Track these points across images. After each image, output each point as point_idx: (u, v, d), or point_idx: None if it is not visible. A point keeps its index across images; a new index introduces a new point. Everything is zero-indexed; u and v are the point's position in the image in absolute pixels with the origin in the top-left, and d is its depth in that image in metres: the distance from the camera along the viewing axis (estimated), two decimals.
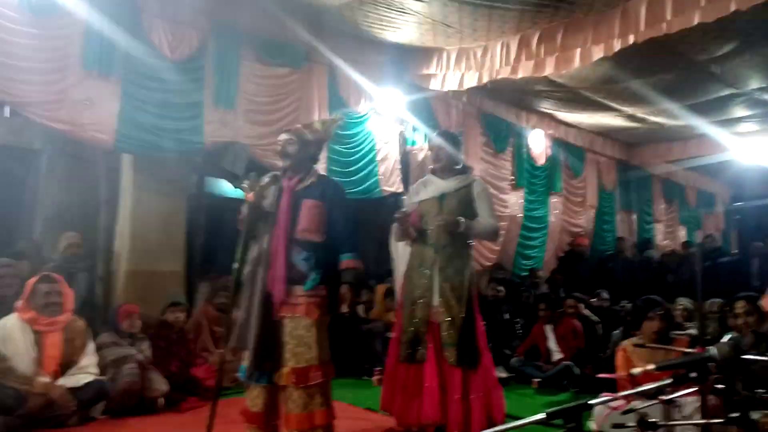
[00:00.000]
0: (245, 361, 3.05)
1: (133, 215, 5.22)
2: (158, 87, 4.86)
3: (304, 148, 3.16)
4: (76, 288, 4.72)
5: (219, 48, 5.22)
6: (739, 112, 7.47)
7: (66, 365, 3.79)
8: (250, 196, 3.05)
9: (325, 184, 3.18)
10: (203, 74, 5.12)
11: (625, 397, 1.85)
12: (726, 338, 3.15)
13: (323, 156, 5.89)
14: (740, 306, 3.78)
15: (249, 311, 3.01)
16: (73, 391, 3.65)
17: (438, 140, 3.78)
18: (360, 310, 6.47)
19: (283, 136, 3.20)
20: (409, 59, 6.42)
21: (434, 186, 3.72)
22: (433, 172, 3.80)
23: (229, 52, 5.27)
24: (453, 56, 5.89)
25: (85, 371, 3.81)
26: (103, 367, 3.96)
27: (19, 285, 3.96)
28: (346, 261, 3.08)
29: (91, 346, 3.96)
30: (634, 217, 10.28)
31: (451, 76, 6.03)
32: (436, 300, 3.53)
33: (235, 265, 3.08)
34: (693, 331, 4.73)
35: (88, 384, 3.73)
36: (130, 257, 5.17)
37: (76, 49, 4.49)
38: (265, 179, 3.14)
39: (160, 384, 4.10)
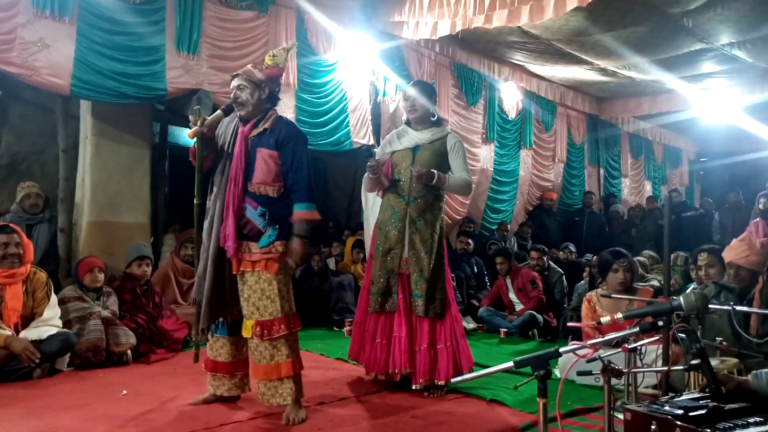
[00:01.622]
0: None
1: (93, 165, 5.04)
2: (116, 30, 4.62)
3: (258, 90, 2.95)
4: (36, 239, 4.60)
5: None
6: (709, 67, 7.51)
7: (27, 318, 3.71)
8: (190, 133, 2.88)
9: (279, 127, 2.97)
10: (164, 16, 4.87)
11: (592, 345, 1.88)
12: (690, 289, 3.22)
13: (292, 105, 5.76)
14: (703, 258, 3.87)
15: (205, 265, 2.94)
16: (37, 344, 3.57)
17: (414, 90, 3.68)
18: (331, 262, 6.48)
19: (236, 82, 2.96)
20: (381, 5, 6.24)
21: (408, 137, 3.66)
22: (408, 123, 3.73)
23: None
24: (425, 3, 5.72)
25: (48, 324, 3.73)
26: (66, 322, 3.88)
27: None
28: (299, 212, 2.91)
29: (53, 299, 3.87)
30: (602, 171, 10.41)
31: (424, 24, 5.88)
32: (406, 251, 3.53)
33: (196, 200, 2.96)
34: (655, 282, 4.87)
35: (51, 336, 3.66)
36: (92, 208, 5.02)
37: None
38: (218, 111, 2.98)
39: (126, 338, 4.04)
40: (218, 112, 2.98)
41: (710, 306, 2.19)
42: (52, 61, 4.33)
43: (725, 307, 2.65)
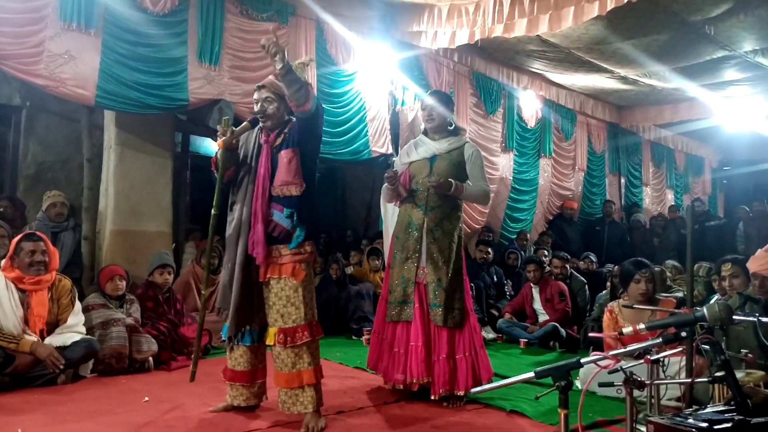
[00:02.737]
0: (227, 321, 3.05)
1: (117, 174, 5.12)
2: (140, 41, 4.71)
3: (283, 103, 2.99)
4: (61, 247, 4.69)
5: (203, 1, 5.04)
6: (731, 75, 7.42)
7: (52, 324, 3.77)
8: (220, 143, 2.89)
9: (294, 128, 2.99)
10: (186, 28, 4.95)
11: (614, 356, 1.86)
12: (713, 300, 3.17)
13: None
14: (727, 268, 3.81)
15: (231, 274, 2.97)
16: (61, 350, 3.63)
17: (431, 100, 3.70)
18: (349, 271, 6.49)
19: (261, 94, 2.99)
20: (399, 15, 6.27)
21: (425, 147, 3.67)
22: (425, 132, 3.74)
23: (212, 5, 5.10)
24: (444, 12, 5.74)
25: (73, 330, 3.79)
26: (90, 329, 3.93)
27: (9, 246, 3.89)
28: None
29: (77, 306, 3.93)
30: (623, 180, 10.32)
31: (442, 34, 5.90)
32: (423, 261, 3.53)
33: (213, 212, 2.97)
34: (679, 294, 4.80)
35: (75, 343, 3.71)
36: (116, 217, 5.10)
37: None
38: (245, 123, 2.99)
39: (149, 345, 4.09)
40: (245, 124, 3.01)
41: (735, 317, 2.15)
42: (78, 72, 4.42)
43: (750, 319, 2.61)
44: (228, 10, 5.24)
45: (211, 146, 7.17)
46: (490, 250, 6.79)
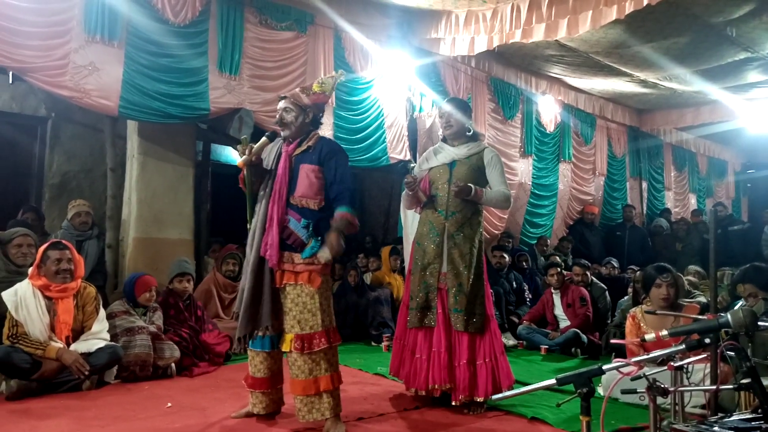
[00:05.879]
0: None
1: (139, 183, 5.20)
2: (162, 52, 4.79)
3: (303, 114, 3.07)
4: (85, 255, 4.77)
5: (222, 11, 5.12)
6: (754, 77, 7.31)
7: (78, 331, 3.84)
8: (240, 163, 2.99)
9: (321, 145, 3.08)
10: (206, 39, 5.03)
11: (637, 362, 1.84)
12: (738, 305, 3.12)
13: (330, 122, 5.85)
14: (742, 289, 3.74)
15: (248, 277, 3.01)
16: (86, 356, 3.69)
17: (448, 107, 3.71)
18: (368, 278, 6.50)
19: (282, 104, 3.10)
20: (417, 22, 6.29)
21: (445, 153, 3.68)
22: (444, 139, 3.76)
23: (232, 16, 5.18)
24: (461, 19, 5.75)
25: (97, 337, 3.86)
26: (113, 336, 3.99)
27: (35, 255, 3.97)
28: (341, 212, 2.95)
29: (102, 313, 3.99)
30: (645, 184, 10.20)
31: (461, 40, 5.90)
32: (444, 266, 3.53)
33: (249, 226, 3.07)
34: (702, 299, 4.73)
35: (100, 349, 3.77)
36: (138, 225, 5.17)
37: (78, 12, 4.42)
38: (263, 138, 3.06)
39: (171, 351, 4.14)
40: (263, 139, 3.07)
41: (760, 323, 2.12)
42: (102, 83, 4.51)
43: None
44: (247, 20, 5.31)
45: (231, 155, 7.24)
46: (504, 254, 6.74)
